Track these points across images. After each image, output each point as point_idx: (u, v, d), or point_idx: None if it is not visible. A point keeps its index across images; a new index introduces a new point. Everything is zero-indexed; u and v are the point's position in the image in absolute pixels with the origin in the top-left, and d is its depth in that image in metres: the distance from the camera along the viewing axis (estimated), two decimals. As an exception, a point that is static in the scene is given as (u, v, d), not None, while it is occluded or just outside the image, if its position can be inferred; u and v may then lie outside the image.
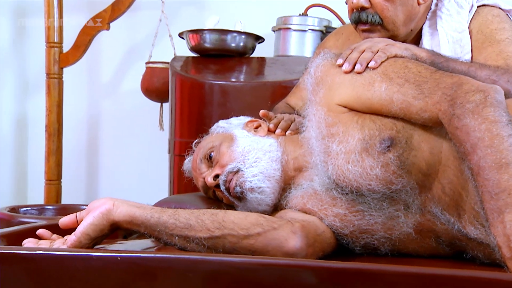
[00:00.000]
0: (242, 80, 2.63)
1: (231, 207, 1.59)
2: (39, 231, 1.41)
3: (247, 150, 1.54)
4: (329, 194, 1.44)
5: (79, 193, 3.55)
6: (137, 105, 3.40)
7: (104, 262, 1.24)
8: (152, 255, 1.26)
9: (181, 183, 2.64)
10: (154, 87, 3.04)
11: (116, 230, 1.37)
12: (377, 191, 1.37)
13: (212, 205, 1.60)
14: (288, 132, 1.62)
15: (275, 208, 1.56)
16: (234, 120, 1.71)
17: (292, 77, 2.53)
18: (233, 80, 2.62)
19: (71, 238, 1.31)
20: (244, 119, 1.72)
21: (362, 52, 1.47)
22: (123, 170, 3.50)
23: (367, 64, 1.45)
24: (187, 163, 1.75)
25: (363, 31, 1.78)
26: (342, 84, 1.44)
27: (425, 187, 1.38)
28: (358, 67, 1.44)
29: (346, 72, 1.46)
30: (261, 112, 1.68)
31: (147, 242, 1.62)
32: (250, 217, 1.35)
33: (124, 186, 3.44)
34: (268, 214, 1.47)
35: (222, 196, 1.60)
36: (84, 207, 2.53)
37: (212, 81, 2.60)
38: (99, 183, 3.58)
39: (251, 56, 2.86)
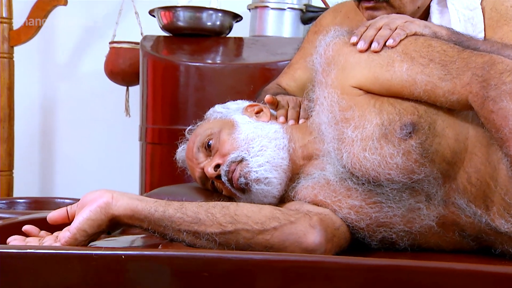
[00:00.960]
0: (220, 61, 2.59)
1: (231, 199, 1.54)
2: (26, 227, 1.34)
3: (251, 137, 1.50)
4: (344, 185, 1.42)
5: (33, 185, 3.46)
6: (98, 88, 3.33)
7: (106, 262, 1.20)
8: (162, 252, 1.23)
9: (155, 174, 2.59)
10: (120, 69, 2.98)
11: (114, 225, 1.31)
12: (397, 181, 1.35)
13: (210, 197, 1.56)
14: (301, 121, 1.58)
15: (281, 200, 1.52)
16: (231, 105, 1.67)
17: (275, 59, 2.50)
18: (210, 61, 2.57)
19: (65, 235, 1.26)
20: (242, 103, 1.68)
21: (379, 30, 1.44)
22: (83, 160, 3.42)
23: (385, 43, 1.41)
24: (180, 152, 1.70)
25: (367, 8, 1.76)
26: (357, 64, 1.42)
27: (449, 177, 1.36)
28: (375, 46, 1.42)
29: (361, 51, 1.43)
30: (267, 98, 1.63)
31: (141, 239, 1.57)
32: (265, 210, 1.32)
33: (84, 178, 3.36)
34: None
35: (222, 188, 1.56)
36: (61, 200, 2.48)
37: (188, 63, 2.56)
38: (55, 174, 3.49)
39: (228, 36, 2.81)
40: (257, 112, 1.62)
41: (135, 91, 3.06)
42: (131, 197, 1.31)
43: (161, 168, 2.60)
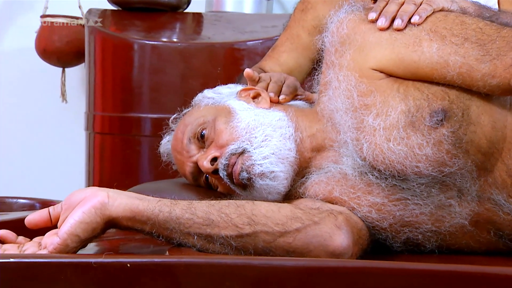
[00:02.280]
0: (181, 40, 2.53)
1: (229, 197, 1.50)
2: (0, 232, 1.26)
3: (253, 125, 1.47)
4: (363, 179, 1.40)
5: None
6: (28, 69, 3.19)
7: (108, 271, 1.14)
8: (176, 259, 1.18)
9: (105, 168, 2.53)
10: (55, 48, 2.88)
11: (109, 229, 1.25)
12: (426, 175, 1.34)
13: (203, 194, 1.51)
14: (281, 97, 1.55)
15: (286, 197, 1.49)
16: (223, 89, 1.62)
17: (244, 38, 2.47)
18: (169, 40, 2.51)
19: (53, 241, 1.19)
20: (234, 87, 1.64)
21: (401, 4, 1.42)
22: (9, 153, 3.28)
23: (409, 19, 1.39)
24: (165, 144, 1.64)
25: None
26: (378, 44, 1.40)
27: (485, 170, 1.36)
28: (398, 23, 1.40)
29: (382, 29, 1.41)
30: (246, 71, 1.59)
31: (122, 245, 1.52)
32: (284, 209, 1.29)
33: (10, 174, 3.23)
34: None
35: (218, 184, 1.51)
36: (24, 201, 2.37)
37: (143, 41, 2.49)
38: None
39: (185, 11, 2.75)
40: (254, 97, 1.57)
41: (73, 73, 2.96)
42: (130, 196, 1.25)
43: (112, 161, 2.53)
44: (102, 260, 1.13)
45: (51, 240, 1.21)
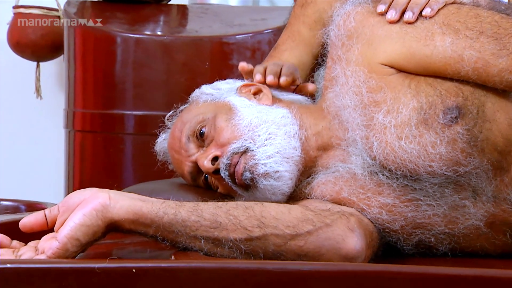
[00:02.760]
0: (166, 33, 2.50)
1: (230, 197, 1.49)
2: None
3: (256, 123, 1.45)
4: (373, 179, 1.40)
5: None
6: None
7: (112, 277, 1.12)
8: (185, 264, 1.16)
9: (85, 167, 2.50)
10: (29, 41, 2.84)
11: (109, 232, 1.23)
12: (439, 175, 1.34)
13: (202, 195, 1.49)
14: (282, 79, 1.53)
15: (290, 198, 1.48)
16: (222, 85, 1.60)
17: (233, 31, 2.45)
18: (154, 33, 2.49)
19: (52, 245, 1.17)
20: (234, 82, 1.62)
21: None
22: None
23: (420, 12, 1.39)
24: (161, 143, 1.62)
25: None
26: (388, 37, 1.39)
27: (502, 169, 1.36)
28: (409, 16, 1.39)
29: (391, 22, 1.41)
30: (240, 65, 1.58)
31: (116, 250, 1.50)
32: (295, 210, 1.28)
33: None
34: None
35: (218, 184, 1.50)
36: (7, 203, 2.32)
37: (126, 34, 2.46)
38: None
39: (169, 3, 2.73)
40: (255, 93, 1.56)
41: (48, 67, 2.92)
42: (132, 197, 1.23)
43: (93, 160, 2.50)
44: (106, 265, 1.11)
45: (49, 245, 1.18)
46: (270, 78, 1.54)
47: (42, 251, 1.20)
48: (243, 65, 1.60)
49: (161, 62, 2.42)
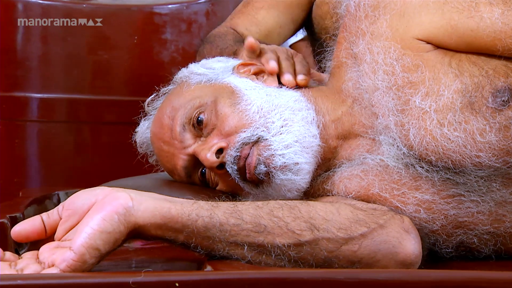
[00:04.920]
0: (81, 1, 2.44)
1: (232, 196, 1.47)
2: None
3: (267, 108, 1.45)
4: (409, 173, 1.42)
5: None
6: None
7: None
8: (241, 275, 1.15)
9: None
10: None
11: (130, 239, 1.20)
12: (487, 166, 1.36)
13: (198, 193, 1.47)
14: (300, 78, 1.55)
15: (304, 195, 1.49)
16: (213, 63, 1.58)
17: (165, 0, 2.41)
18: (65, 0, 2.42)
19: (66, 257, 1.12)
20: (226, 60, 1.60)
21: None
22: None
23: None
24: (144, 132, 1.58)
25: None
26: (423, 8, 1.40)
27: None
28: None
29: None
30: (248, 41, 1.57)
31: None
32: (343, 210, 1.29)
33: None
34: None
35: (219, 181, 1.48)
36: None
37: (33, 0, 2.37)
38: None
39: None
40: (256, 74, 1.55)
41: None
42: (156, 197, 1.20)
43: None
44: (142, 279, 1.09)
45: (62, 256, 1.13)
46: (288, 78, 1.54)
47: (50, 264, 1.15)
48: (251, 42, 1.57)
49: (79, 36, 2.36)
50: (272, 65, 1.52)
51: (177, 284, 1.08)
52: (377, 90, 1.42)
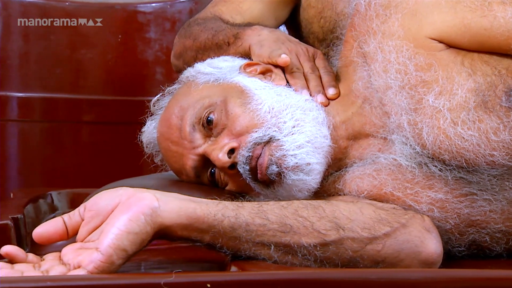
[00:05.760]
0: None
1: (241, 196, 1.47)
2: (7, 250, 1.17)
3: (278, 108, 1.45)
4: (422, 172, 1.43)
5: None
6: None
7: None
8: (272, 276, 1.14)
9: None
10: None
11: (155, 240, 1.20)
12: (501, 165, 1.38)
13: (206, 194, 1.47)
14: (331, 92, 1.53)
15: (314, 195, 1.49)
16: (220, 62, 1.57)
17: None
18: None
19: (93, 258, 1.11)
20: (232, 59, 1.59)
21: None
22: None
23: None
24: (151, 132, 1.57)
25: None
26: (436, 7, 1.41)
27: None
28: None
29: None
30: (284, 61, 1.55)
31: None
32: (366, 209, 1.29)
33: None
34: None
35: (228, 181, 1.48)
36: None
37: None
38: None
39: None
40: (264, 72, 1.55)
41: None
42: (180, 197, 1.20)
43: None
44: (174, 280, 1.08)
45: (88, 257, 1.12)
46: (321, 100, 1.52)
47: (76, 265, 1.14)
48: (287, 61, 1.54)
49: (60, 33, 2.33)
50: (303, 93, 1.52)
51: (208, 285, 1.07)
52: (390, 89, 1.42)
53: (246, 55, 1.59)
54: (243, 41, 1.62)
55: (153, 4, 2.31)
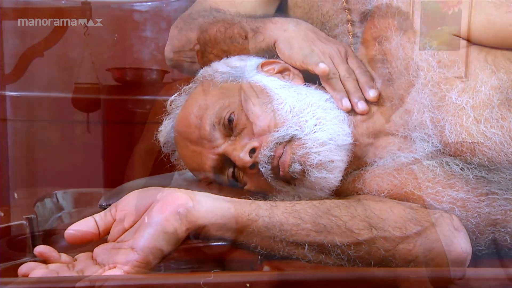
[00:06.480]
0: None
1: (260, 195, 1.46)
2: (40, 250, 1.16)
3: (299, 107, 1.44)
4: (444, 170, 1.42)
5: None
6: None
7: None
8: (311, 275, 1.14)
9: None
10: None
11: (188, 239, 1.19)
12: None
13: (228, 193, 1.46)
14: (372, 94, 1.50)
15: (334, 194, 1.49)
16: (236, 62, 1.56)
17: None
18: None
19: (129, 258, 1.11)
20: (247, 58, 1.58)
21: None
22: None
23: None
24: (168, 132, 1.55)
25: None
26: None
27: None
28: None
29: None
30: (323, 71, 1.51)
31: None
32: (396, 208, 1.29)
33: None
34: None
35: (247, 180, 1.47)
36: None
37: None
38: None
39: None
40: (282, 71, 1.54)
41: None
42: (214, 197, 1.20)
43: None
44: (213, 280, 1.08)
45: (125, 258, 1.12)
46: (362, 108, 1.50)
47: (111, 265, 1.13)
48: (326, 71, 1.51)
49: (53, 33, 2.30)
50: (344, 104, 1.51)
51: (248, 285, 1.06)
52: (412, 86, 1.42)
53: (269, 50, 1.55)
54: (265, 36, 1.58)
55: (149, 3, 2.29)
